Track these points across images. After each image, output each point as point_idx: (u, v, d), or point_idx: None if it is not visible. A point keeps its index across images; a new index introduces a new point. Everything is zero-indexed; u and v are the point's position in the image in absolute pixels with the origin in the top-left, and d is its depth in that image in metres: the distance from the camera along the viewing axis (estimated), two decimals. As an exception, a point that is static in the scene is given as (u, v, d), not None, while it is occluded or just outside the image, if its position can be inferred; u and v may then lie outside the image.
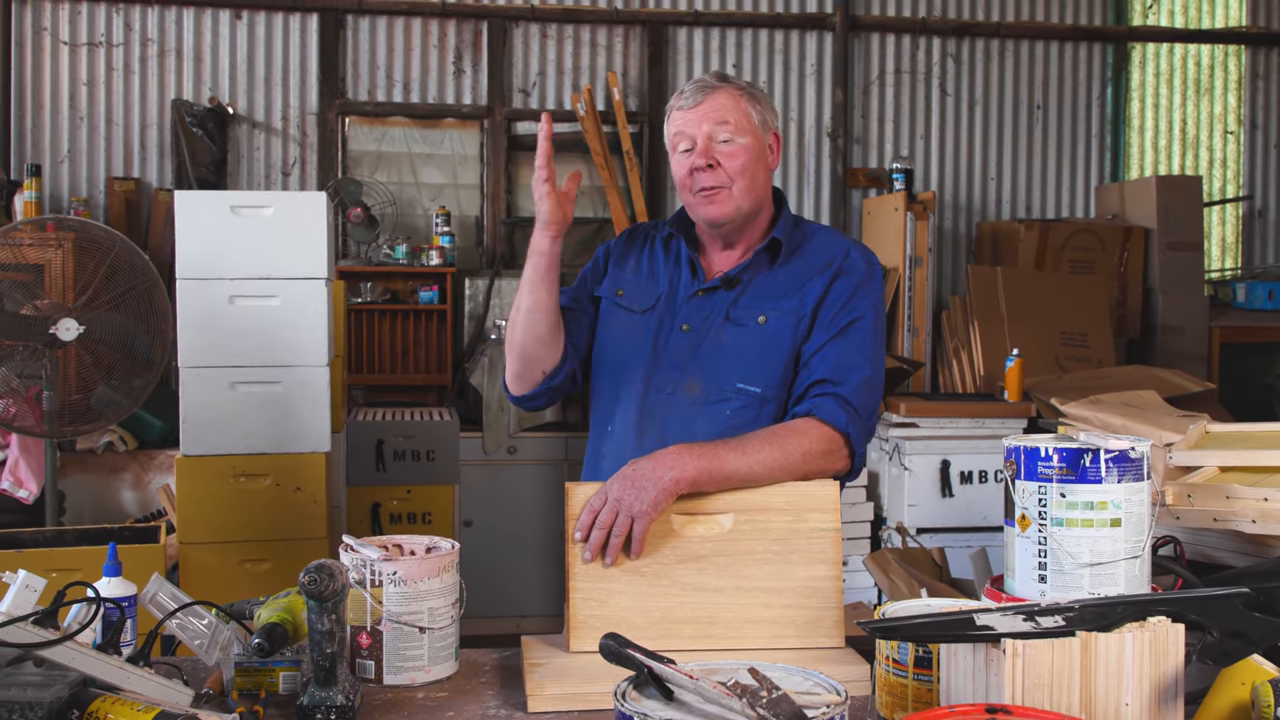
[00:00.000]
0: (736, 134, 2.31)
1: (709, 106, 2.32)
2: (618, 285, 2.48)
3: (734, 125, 2.31)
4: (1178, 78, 7.57)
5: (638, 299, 2.44)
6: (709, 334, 2.34)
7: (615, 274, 2.50)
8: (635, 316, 2.42)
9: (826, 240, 2.41)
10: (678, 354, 2.34)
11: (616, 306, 2.46)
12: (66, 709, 1.58)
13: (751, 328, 2.32)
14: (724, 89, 2.34)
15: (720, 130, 2.31)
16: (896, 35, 7.13)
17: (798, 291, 2.33)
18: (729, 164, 2.31)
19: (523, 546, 5.83)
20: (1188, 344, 6.66)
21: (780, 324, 2.31)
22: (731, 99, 2.33)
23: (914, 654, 1.62)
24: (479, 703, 1.84)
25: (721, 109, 2.32)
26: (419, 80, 6.71)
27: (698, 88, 2.34)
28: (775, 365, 2.30)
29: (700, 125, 2.31)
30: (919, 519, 5.44)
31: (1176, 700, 1.47)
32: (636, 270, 2.48)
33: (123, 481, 5.32)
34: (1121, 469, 1.72)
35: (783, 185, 7.03)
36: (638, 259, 2.50)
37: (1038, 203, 7.33)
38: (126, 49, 6.43)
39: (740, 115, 2.33)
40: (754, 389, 2.30)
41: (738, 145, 2.31)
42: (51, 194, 6.33)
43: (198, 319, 4.12)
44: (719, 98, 2.32)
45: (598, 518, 2.03)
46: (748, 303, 2.34)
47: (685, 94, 2.35)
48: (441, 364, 6.54)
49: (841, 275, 2.33)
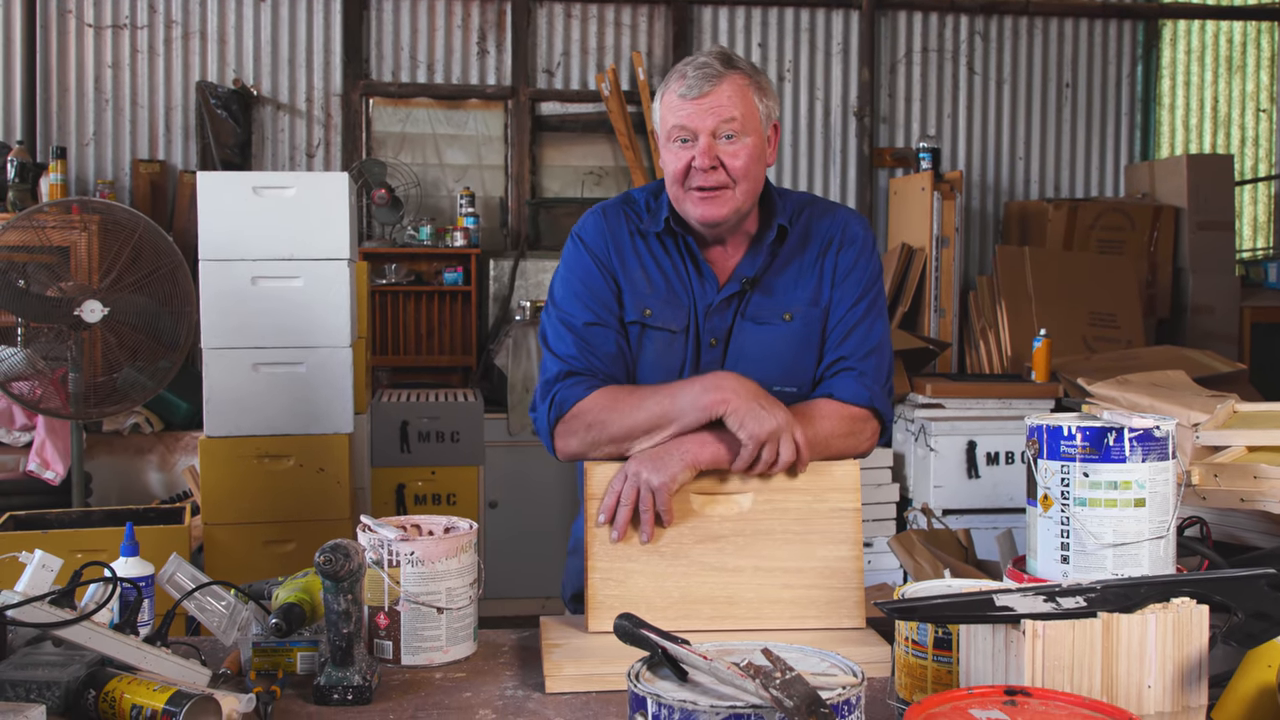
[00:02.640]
0: (742, 132, 2.13)
1: (715, 100, 2.12)
2: (643, 304, 2.22)
3: (740, 121, 2.12)
4: (1209, 55, 7.48)
5: (670, 317, 2.22)
6: (732, 339, 2.21)
7: (631, 290, 2.24)
8: (669, 336, 2.22)
9: (818, 213, 2.29)
10: (709, 366, 2.20)
11: (649, 329, 2.22)
12: (83, 688, 1.58)
13: (778, 326, 2.21)
14: (730, 78, 2.13)
15: (725, 127, 2.12)
16: (924, 13, 7.07)
17: (813, 278, 2.23)
18: (732, 164, 2.13)
19: (548, 528, 5.83)
20: (1218, 324, 6.60)
21: (808, 316, 2.22)
22: (738, 91, 2.13)
23: (933, 635, 1.61)
24: (497, 683, 1.84)
25: (728, 103, 2.12)
26: (443, 61, 6.70)
27: (702, 75, 2.12)
28: (809, 361, 2.23)
29: (704, 120, 2.12)
30: (945, 500, 5.41)
31: (1200, 683, 1.44)
32: (650, 282, 2.24)
33: (148, 463, 5.34)
34: (1146, 448, 1.69)
35: (809, 165, 7.00)
36: (640, 264, 2.25)
37: (1066, 182, 7.27)
38: (151, 31, 6.45)
39: (747, 110, 2.14)
40: (791, 389, 2.19)
41: (742, 144, 2.13)
42: (77, 176, 6.36)
43: (220, 300, 4.13)
44: (725, 89, 2.12)
45: (620, 496, 2.02)
46: (765, 299, 2.22)
47: (688, 80, 2.13)
48: (466, 345, 6.55)
49: (844, 249, 2.25)
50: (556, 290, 2.28)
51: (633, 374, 2.23)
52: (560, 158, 6.85)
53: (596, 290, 2.23)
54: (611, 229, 2.27)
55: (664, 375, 2.20)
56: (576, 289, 2.24)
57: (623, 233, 2.27)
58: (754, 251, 2.24)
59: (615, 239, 2.27)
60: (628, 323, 2.23)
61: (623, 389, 2.16)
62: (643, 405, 2.08)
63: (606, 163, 6.84)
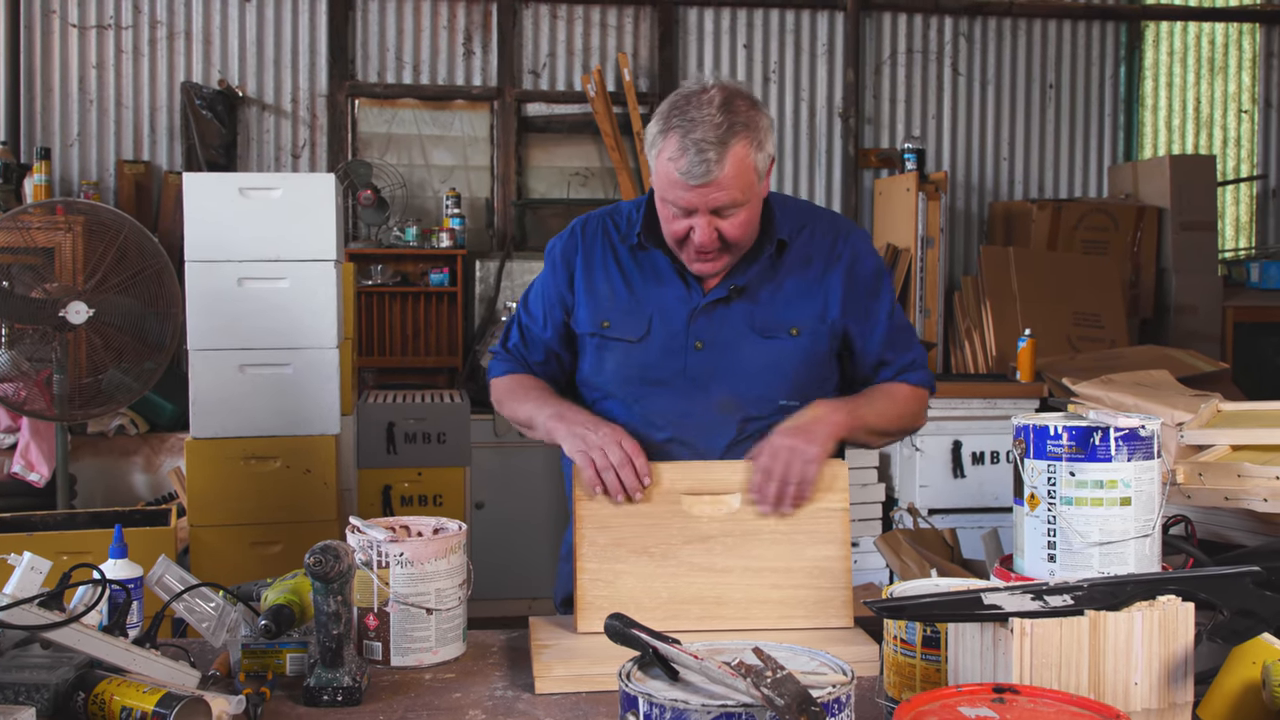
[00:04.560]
0: (741, 204, 2.07)
1: (715, 187, 2.03)
2: (600, 317, 2.26)
3: (740, 197, 2.06)
4: (1191, 56, 7.51)
5: (627, 327, 2.24)
6: (732, 347, 2.21)
7: (590, 303, 2.27)
8: (631, 346, 2.24)
9: (820, 227, 2.29)
10: (698, 374, 2.21)
11: (608, 340, 2.26)
12: (73, 691, 1.58)
13: (785, 340, 2.21)
14: (731, 154, 2.02)
15: (727, 210, 2.07)
16: (908, 14, 7.08)
17: (820, 293, 2.23)
18: (731, 233, 2.10)
19: (534, 529, 5.83)
20: (1201, 324, 6.63)
21: (816, 331, 2.22)
22: (738, 167, 2.03)
23: (921, 633, 1.61)
24: (486, 684, 1.84)
25: (730, 184, 2.04)
26: (429, 62, 6.69)
27: (704, 160, 2.00)
28: (815, 376, 2.25)
29: (705, 203, 2.06)
30: (930, 500, 5.43)
31: (1186, 679, 1.46)
32: (612, 293, 2.26)
33: (134, 465, 5.33)
34: (1131, 447, 1.70)
35: (794, 166, 7.01)
36: (606, 276, 2.28)
37: (1050, 183, 7.29)
38: (136, 31, 6.42)
39: (747, 182, 2.06)
40: (795, 403, 2.19)
41: (741, 215, 2.09)
42: (61, 177, 6.33)
43: (206, 301, 4.11)
44: (728, 169, 2.02)
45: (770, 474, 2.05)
46: (771, 313, 2.21)
47: (688, 160, 2.02)
48: (452, 346, 6.54)
49: (855, 265, 2.26)
50: (531, 285, 2.45)
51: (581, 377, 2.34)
52: (546, 159, 6.85)
53: (549, 304, 2.36)
54: (585, 243, 2.33)
55: (631, 384, 2.24)
56: (536, 293, 2.41)
57: (595, 246, 2.32)
58: (749, 261, 2.23)
59: (586, 252, 2.32)
60: (586, 335, 2.29)
61: (520, 383, 2.36)
62: (521, 405, 2.30)
63: (592, 164, 6.84)
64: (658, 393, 2.22)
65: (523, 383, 2.36)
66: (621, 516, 2.05)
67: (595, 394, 2.31)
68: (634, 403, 2.24)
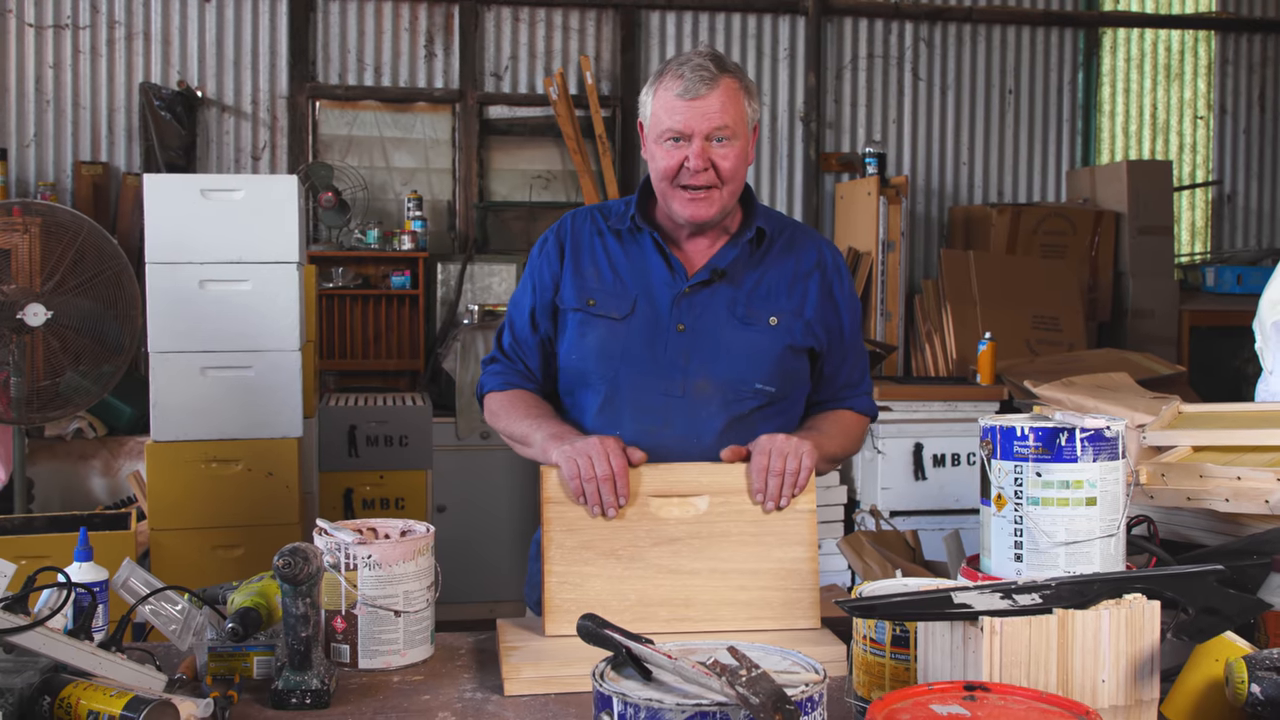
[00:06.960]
0: (733, 135, 2.21)
1: (711, 102, 2.18)
2: (586, 295, 2.33)
3: (732, 126, 2.20)
4: (1148, 63, 7.60)
5: (612, 305, 2.31)
6: (711, 332, 2.27)
7: (577, 282, 2.35)
8: (615, 324, 2.30)
9: (800, 235, 2.42)
10: (677, 355, 2.26)
11: (592, 317, 2.32)
12: (38, 695, 1.56)
13: (763, 328, 2.29)
14: (724, 82, 2.19)
15: (719, 131, 2.19)
16: (869, 19, 7.13)
17: (799, 292, 2.34)
18: (723, 166, 2.21)
19: (496, 532, 5.82)
20: (1158, 327, 6.71)
21: (791, 325, 2.31)
22: (731, 95, 2.20)
23: (891, 633, 1.62)
24: (455, 686, 1.84)
25: (723, 108, 2.19)
26: (390, 64, 6.67)
27: (700, 77, 2.18)
28: (788, 366, 2.32)
29: (699, 123, 2.19)
30: (892, 502, 5.46)
31: (1153, 676, 1.47)
32: (598, 274, 2.35)
33: (92, 468, 5.27)
34: (1097, 448, 1.72)
35: (756, 170, 7.03)
36: (593, 260, 2.37)
37: (1009, 187, 7.35)
38: (94, 31, 6.36)
39: (738, 113, 2.22)
40: (770, 389, 2.28)
41: (732, 147, 2.22)
42: (18, 178, 6.27)
43: (167, 304, 4.08)
44: (720, 93, 2.19)
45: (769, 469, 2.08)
46: (752, 301, 2.30)
47: (685, 81, 2.19)
48: (414, 349, 6.52)
49: (833, 281, 2.38)
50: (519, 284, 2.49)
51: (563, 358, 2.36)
52: (508, 161, 6.84)
53: (540, 286, 2.39)
54: (574, 229, 2.41)
55: (610, 360, 2.29)
56: (525, 281, 2.45)
57: (583, 232, 2.41)
58: (731, 246, 2.34)
59: (574, 237, 2.40)
60: (570, 309, 2.34)
61: (520, 399, 2.37)
62: (518, 422, 2.31)
63: (554, 166, 6.84)
64: (634, 371, 2.27)
65: (523, 399, 2.38)
66: (589, 519, 2.05)
67: (570, 379, 2.36)
68: (608, 382, 2.28)
